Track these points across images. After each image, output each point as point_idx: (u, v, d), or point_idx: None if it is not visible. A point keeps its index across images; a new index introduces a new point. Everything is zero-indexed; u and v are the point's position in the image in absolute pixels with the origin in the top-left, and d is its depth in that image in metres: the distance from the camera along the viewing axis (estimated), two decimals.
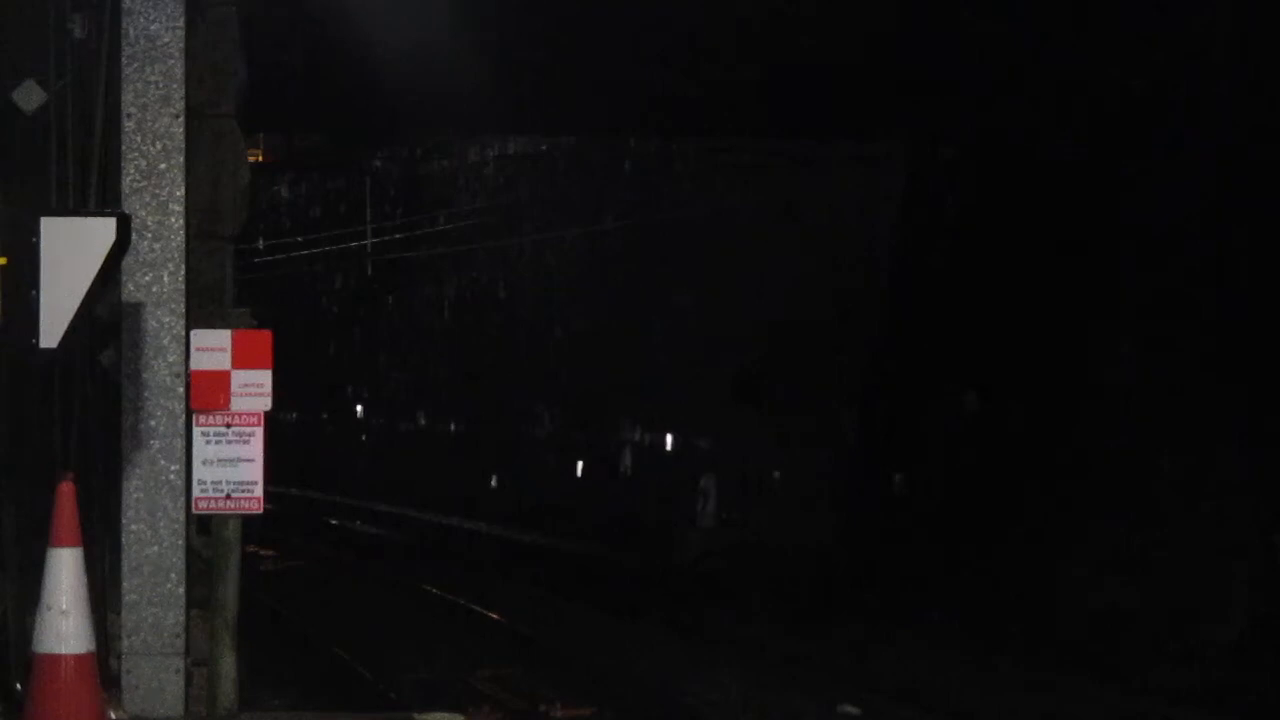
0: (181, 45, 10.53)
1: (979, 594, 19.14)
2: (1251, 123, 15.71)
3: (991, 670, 16.92)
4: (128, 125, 10.48)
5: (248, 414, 10.60)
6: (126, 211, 10.06)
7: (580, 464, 30.37)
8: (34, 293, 9.31)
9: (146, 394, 10.45)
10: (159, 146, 10.52)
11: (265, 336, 10.93)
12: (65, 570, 9.60)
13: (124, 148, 10.47)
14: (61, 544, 9.61)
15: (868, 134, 21.36)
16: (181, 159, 10.55)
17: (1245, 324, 15.76)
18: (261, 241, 43.86)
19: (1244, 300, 15.78)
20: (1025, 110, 18.64)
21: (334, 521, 34.82)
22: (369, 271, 41.30)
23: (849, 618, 19.88)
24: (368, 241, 40.42)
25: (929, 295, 20.98)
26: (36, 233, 9.35)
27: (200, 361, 10.54)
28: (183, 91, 10.54)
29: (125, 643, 10.41)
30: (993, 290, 19.86)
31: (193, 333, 10.56)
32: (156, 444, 10.46)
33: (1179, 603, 16.31)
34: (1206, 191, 16.27)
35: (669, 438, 27.35)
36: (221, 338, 10.61)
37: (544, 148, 31.47)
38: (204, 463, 10.54)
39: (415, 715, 11.58)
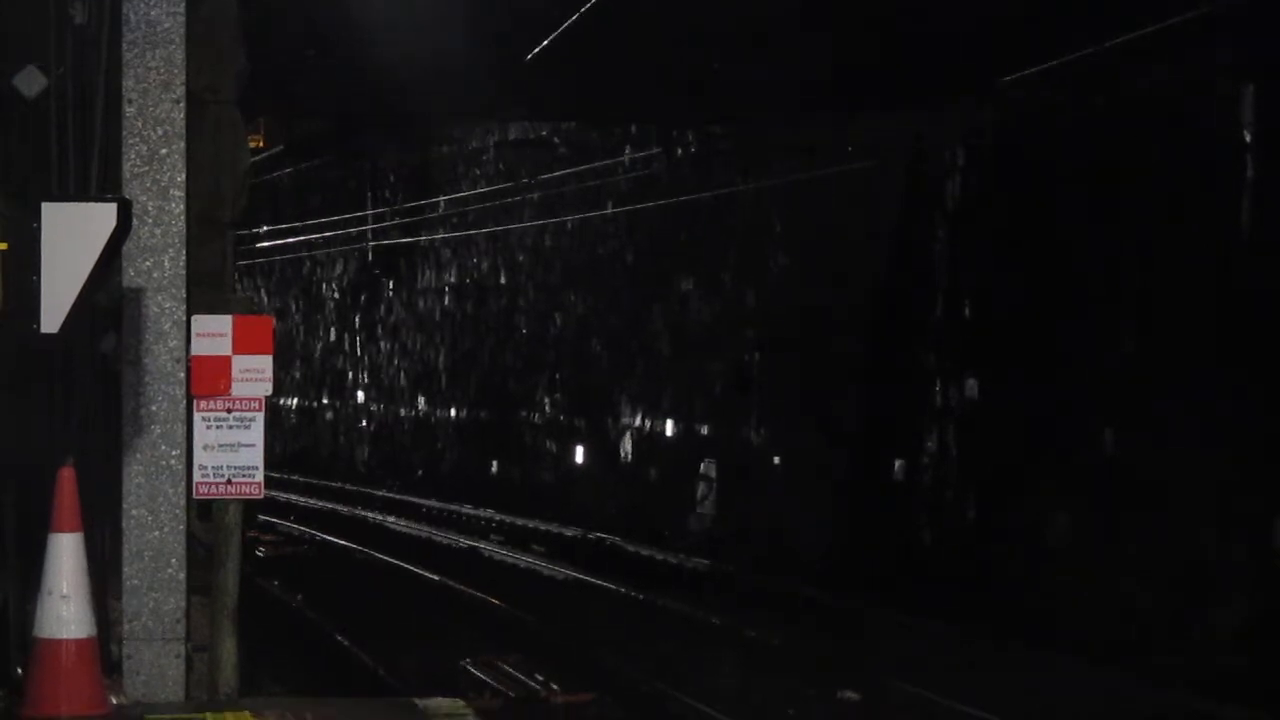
0: (182, 30, 10.51)
1: (979, 579, 19.16)
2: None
3: (992, 654, 16.95)
4: (128, 111, 10.47)
5: (248, 399, 10.60)
6: (127, 197, 10.07)
7: (580, 450, 30.37)
8: (35, 278, 9.32)
9: (147, 379, 10.45)
10: (159, 132, 10.51)
11: (266, 322, 10.94)
12: (66, 555, 9.63)
13: (125, 133, 10.46)
14: (62, 529, 9.64)
15: (867, 110, 21.38)
16: (182, 144, 10.54)
17: (1247, 313, 15.76)
18: (263, 227, 43.90)
19: (1245, 290, 15.78)
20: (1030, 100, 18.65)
21: (334, 508, 34.85)
22: (369, 257, 41.31)
23: (848, 603, 19.90)
24: (368, 227, 40.42)
25: (929, 282, 20.98)
26: (37, 218, 9.36)
27: (201, 347, 10.54)
28: (183, 77, 10.53)
29: (126, 628, 10.42)
30: (993, 277, 19.86)
31: (193, 318, 10.55)
32: (157, 429, 10.46)
33: (1183, 590, 16.32)
34: (1210, 182, 16.27)
35: (669, 424, 27.35)
36: (222, 323, 10.60)
37: (544, 133, 31.46)
38: (205, 448, 10.54)
39: (416, 701, 11.57)
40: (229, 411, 10.58)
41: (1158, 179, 16.91)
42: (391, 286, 40.23)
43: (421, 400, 38.16)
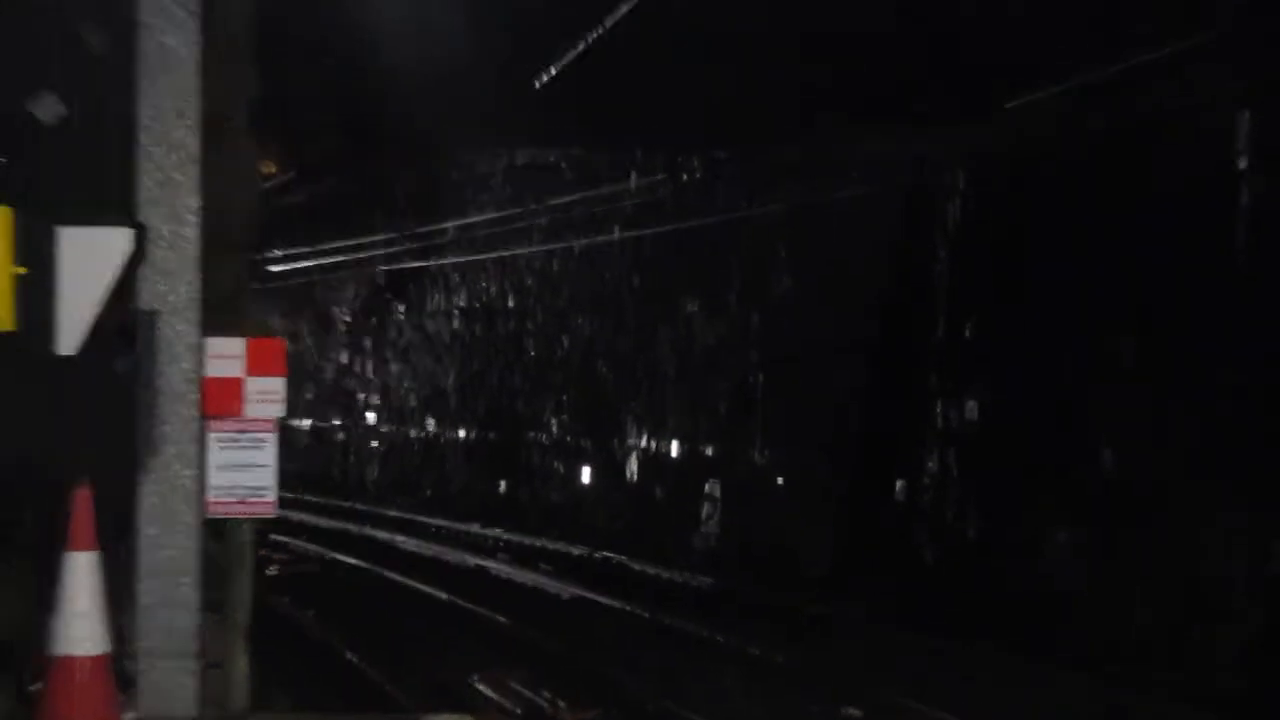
0: (196, 57, 10.53)
1: (980, 595, 19.17)
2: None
3: (994, 670, 16.94)
4: (143, 137, 10.49)
5: (261, 420, 10.62)
6: (142, 221, 10.11)
7: (587, 470, 30.38)
8: (52, 301, 9.36)
9: (162, 400, 10.47)
10: (174, 158, 10.52)
11: (278, 344, 10.97)
12: (81, 573, 9.65)
13: (139, 159, 10.49)
14: (78, 548, 9.66)
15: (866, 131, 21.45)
16: (196, 170, 10.55)
17: (1241, 335, 15.79)
18: (275, 251, 43.94)
19: (1241, 311, 15.80)
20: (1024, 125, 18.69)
21: (345, 527, 34.84)
22: (380, 281, 41.33)
23: (852, 620, 19.91)
24: (378, 252, 40.45)
25: (930, 303, 21.01)
26: (54, 243, 9.40)
27: (214, 369, 10.56)
28: (197, 103, 10.55)
29: (140, 645, 10.44)
30: (993, 297, 19.89)
31: (207, 340, 10.57)
32: (171, 449, 10.48)
33: (1181, 605, 16.33)
34: (1206, 205, 16.30)
35: (674, 444, 27.37)
36: (235, 345, 10.63)
37: (552, 158, 31.50)
38: (218, 468, 10.55)
39: (424, 717, 11.60)
40: (242, 432, 10.60)
41: (1154, 202, 16.95)
42: (402, 309, 40.26)
43: (431, 421, 38.18)
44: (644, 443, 28.33)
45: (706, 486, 25.95)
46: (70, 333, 9.37)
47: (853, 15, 16.97)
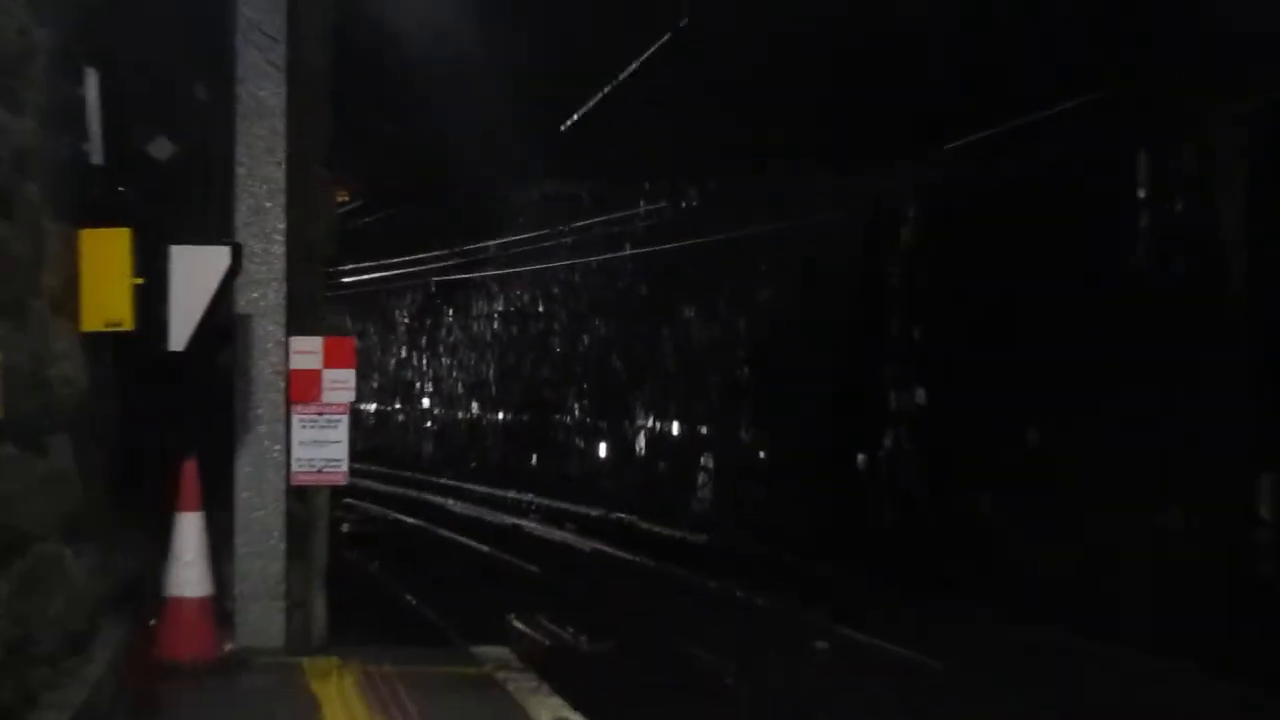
0: (283, 106, 10.59)
1: (927, 551, 19.16)
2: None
3: (937, 612, 16.92)
4: (239, 171, 10.55)
5: (336, 405, 10.67)
6: (239, 241, 10.15)
7: (603, 446, 30.40)
8: (165, 307, 9.40)
9: (254, 388, 10.53)
10: (264, 189, 10.58)
11: (349, 342, 11.05)
12: (189, 530, 9.72)
13: (237, 190, 10.55)
14: (186, 509, 9.73)
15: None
16: (283, 199, 10.60)
17: (1141, 335, 15.76)
18: (348, 264, 43.95)
19: (1141, 317, 15.76)
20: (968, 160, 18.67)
21: (404, 492, 34.85)
22: (433, 289, 41.34)
23: (821, 570, 19.89)
24: (432, 266, 40.47)
25: (886, 310, 21.00)
26: (167, 258, 9.44)
27: (297, 362, 10.61)
28: (284, 143, 10.60)
29: (237, 588, 10.49)
30: (937, 305, 19.88)
31: (291, 339, 10.62)
32: (263, 429, 10.53)
33: (1084, 560, 16.28)
34: (1112, 228, 16.27)
35: (675, 425, 27.38)
36: (314, 343, 10.68)
37: (574, 190, 31.49)
38: (300, 444, 10.60)
39: (471, 649, 11.63)
40: (320, 414, 10.65)
41: (1070, 226, 16.93)
42: (451, 313, 40.27)
43: (475, 405, 38.19)
44: (650, 424, 28.34)
45: (702, 460, 25.95)
46: (180, 333, 9.42)
47: (818, 73, 17.00)
